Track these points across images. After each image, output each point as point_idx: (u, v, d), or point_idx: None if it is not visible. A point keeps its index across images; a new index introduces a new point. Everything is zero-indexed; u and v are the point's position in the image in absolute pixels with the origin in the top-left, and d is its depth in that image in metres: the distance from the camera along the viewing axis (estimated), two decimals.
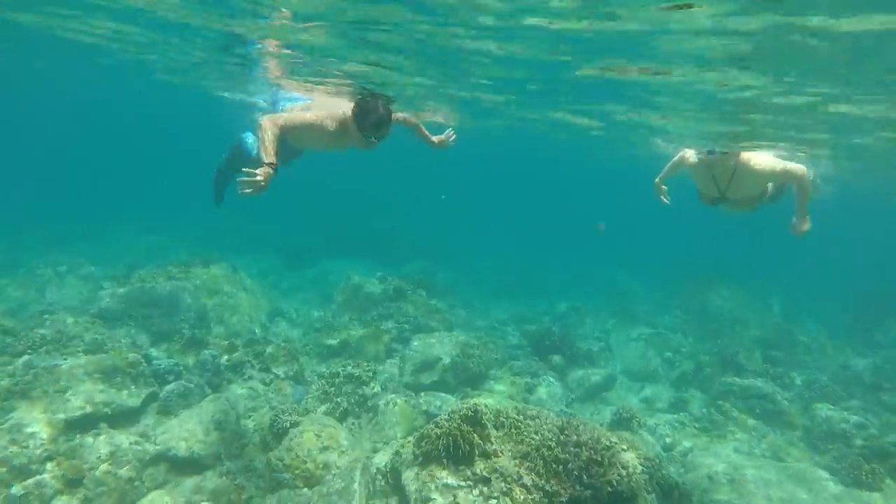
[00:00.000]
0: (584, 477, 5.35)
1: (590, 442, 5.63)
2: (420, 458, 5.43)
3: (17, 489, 5.13)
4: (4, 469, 5.30)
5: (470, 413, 5.46)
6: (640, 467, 5.98)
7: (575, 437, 5.63)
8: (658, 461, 6.69)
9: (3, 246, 14.62)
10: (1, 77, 19.57)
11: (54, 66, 15.08)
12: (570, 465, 5.36)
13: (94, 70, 13.95)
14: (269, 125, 4.35)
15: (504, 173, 47.94)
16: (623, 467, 5.52)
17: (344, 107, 5.01)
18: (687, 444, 8.46)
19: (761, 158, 4.78)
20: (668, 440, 8.49)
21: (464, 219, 34.55)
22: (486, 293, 18.30)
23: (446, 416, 5.54)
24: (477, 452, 5.27)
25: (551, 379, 10.22)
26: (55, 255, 14.02)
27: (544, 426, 5.90)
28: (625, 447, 6.09)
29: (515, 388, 9.58)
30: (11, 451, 5.44)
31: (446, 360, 9.13)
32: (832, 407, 9.26)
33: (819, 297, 19.41)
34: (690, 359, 12.03)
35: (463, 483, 5.08)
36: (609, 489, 5.32)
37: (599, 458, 5.45)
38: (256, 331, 10.43)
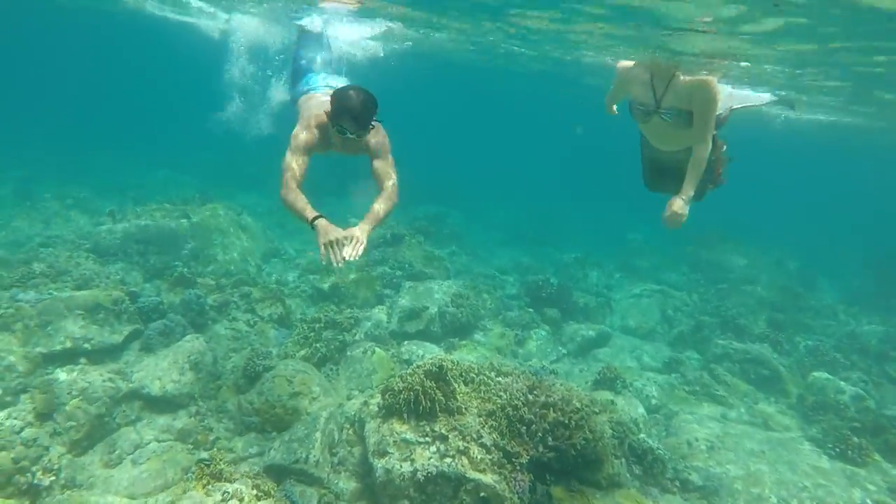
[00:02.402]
0: (549, 439, 5.27)
1: (559, 403, 5.51)
2: (383, 411, 5.40)
3: None
4: None
5: (434, 368, 5.36)
6: (609, 431, 5.90)
7: (543, 398, 5.51)
8: (632, 425, 6.61)
9: (16, 175, 14.76)
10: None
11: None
12: (534, 425, 5.27)
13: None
14: (285, 196, 3.90)
15: (527, 118, 46.73)
16: (591, 431, 5.41)
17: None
18: (674, 407, 8.33)
19: (704, 78, 4.19)
20: (654, 402, 8.38)
21: (483, 163, 34.05)
22: (495, 240, 18.08)
23: (410, 370, 5.47)
24: (439, 409, 5.21)
25: (543, 332, 10.11)
26: (66, 187, 14.12)
27: (514, 385, 5.78)
28: (596, 410, 5.98)
29: (504, 341, 9.50)
30: None
31: (433, 310, 9.04)
32: (830, 376, 9.00)
33: (840, 259, 18.80)
34: (691, 318, 11.80)
35: (421, 439, 5.04)
36: (573, 452, 5.24)
37: (566, 421, 5.35)
38: (250, 271, 10.42)
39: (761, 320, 12.03)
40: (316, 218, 3.68)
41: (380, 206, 4.07)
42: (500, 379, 6.03)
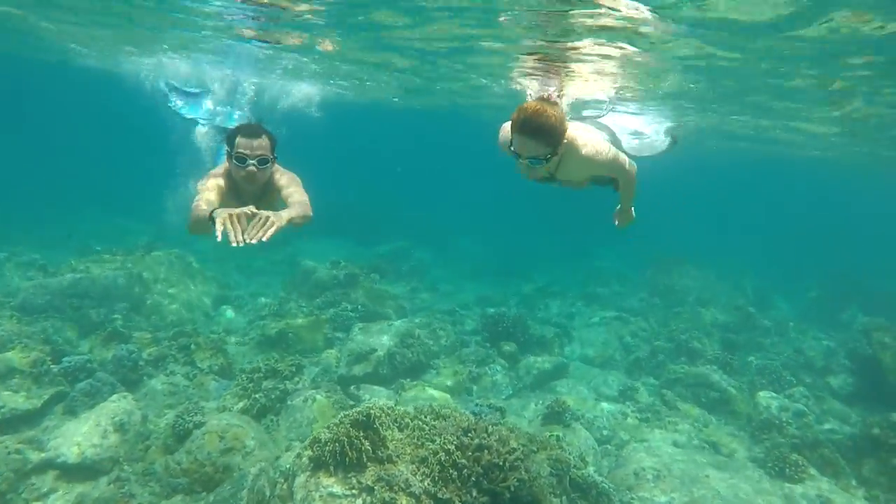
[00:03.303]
0: (484, 482, 5.10)
1: (495, 445, 5.35)
2: (311, 464, 5.18)
3: None
4: None
5: (362, 417, 5.18)
6: (547, 469, 5.76)
7: (478, 440, 5.35)
8: (577, 460, 6.49)
9: None
10: None
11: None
12: (466, 470, 5.11)
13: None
14: (191, 217, 3.62)
15: (492, 149, 47.27)
16: (526, 471, 5.26)
17: None
18: (625, 436, 8.24)
19: (590, 147, 3.61)
20: (605, 432, 8.27)
21: (452, 197, 34.24)
22: (460, 274, 18.01)
23: (338, 420, 5.28)
24: (367, 458, 5.02)
25: (499, 367, 9.99)
26: (3, 241, 13.66)
27: (449, 428, 5.63)
28: (535, 448, 5.86)
29: (458, 378, 9.33)
30: None
31: (381, 352, 8.86)
32: (775, 394, 9.07)
33: (796, 276, 19.20)
34: (648, 344, 11.81)
35: (348, 492, 4.83)
36: (507, 495, 5.08)
37: (501, 462, 5.19)
38: (196, 320, 10.15)
39: (715, 342, 12.11)
40: (213, 210, 3.24)
41: (297, 208, 3.74)
42: (436, 423, 5.87)
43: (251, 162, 3.84)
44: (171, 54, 11.79)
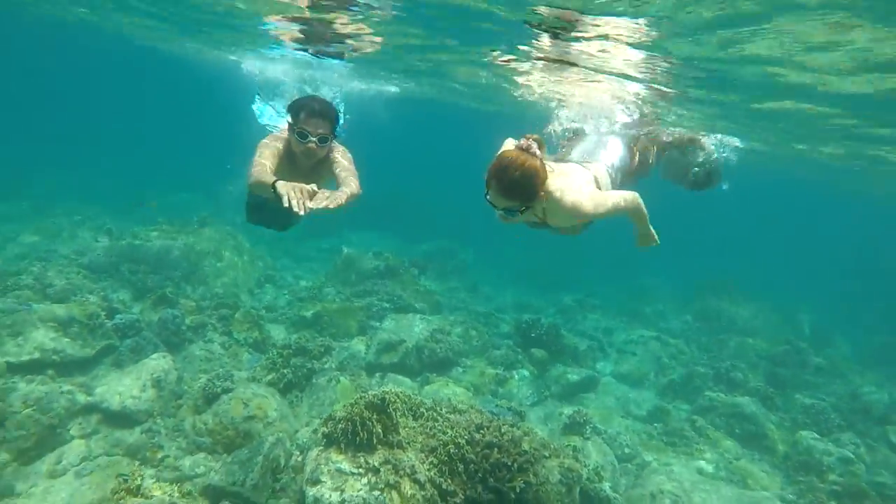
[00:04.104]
0: (490, 480, 5.16)
1: (506, 444, 5.40)
2: (324, 440, 5.37)
3: None
4: None
5: (377, 400, 5.32)
6: (557, 477, 5.73)
7: (488, 438, 5.42)
8: (591, 473, 6.43)
9: (35, 193, 15.38)
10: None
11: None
12: (473, 465, 5.18)
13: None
14: (252, 174, 3.72)
15: None
16: (534, 475, 5.29)
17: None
18: (647, 456, 8.07)
19: (572, 199, 3.34)
20: (627, 450, 8.11)
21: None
22: (502, 278, 18.01)
23: (354, 401, 5.44)
24: (377, 441, 5.16)
25: (526, 373, 9.97)
26: (82, 206, 14.66)
27: (463, 422, 5.71)
28: (546, 454, 5.85)
29: (484, 379, 9.39)
30: None
31: (409, 343, 9.01)
32: (818, 437, 8.62)
33: (860, 318, 18.15)
34: (685, 368, 11.49)
35: (355, 470, 4.98)
36: (513, 495, 5.12)
37: (510, 462, 5.24)
38: (239, 295, 10.59)
39: (759, 375, 11.65)
40: (276, 181, 3.32)
41: (349, 186, 3.73)
42: (451, 416, 5.96)
43: (312, 139, 3.88)
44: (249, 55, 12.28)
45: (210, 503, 5.14)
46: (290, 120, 4.02)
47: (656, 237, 3.96)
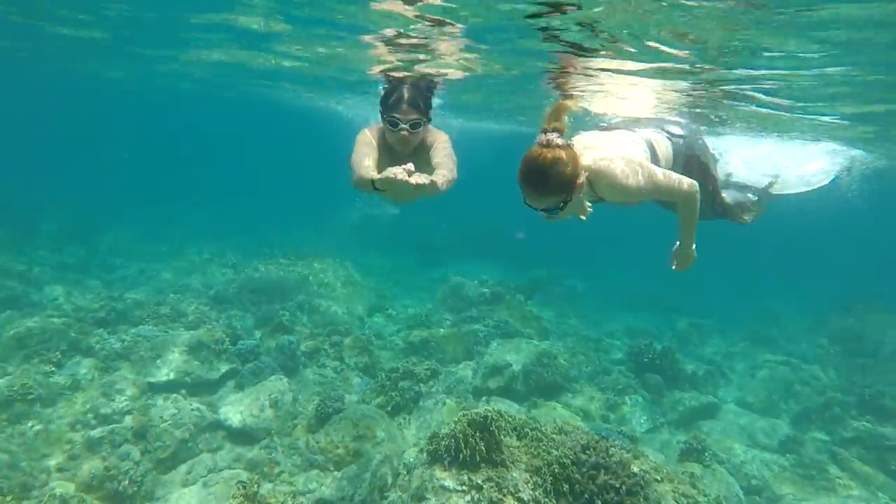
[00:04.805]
0: (597, 501, 4.95)
1: (613, 466, 5.18)
2: (428, 458, 5.42)
3: (96, 432, 6.09)
4: (92, 415, 6.34)
5: (479, 418, 5.32)
6: (671, 502, 5.36)
7: (594, 459, 5.21)
8: (707, 502, 5.94)
9: (171, 236, 17.15)
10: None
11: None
12: (579, 486, 4.99)
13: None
14: (353, 172, 3.66)
15: None
16: (645, 499, 5.00)
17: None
18: (779, 490, 7.34)
19: (614, 172, 3.10)
20: (754, 482, 7.43)
21: (608, 228, 33.22)
22: (612, 304, 17.40)
23: (457, 419, 5.46)
24: (479, 458, 5.13)
25: (640, 399, 9.49)
26: (210, 245, 16.13)
27: (568, 442, 5.54)
28: (659, 478, 5.50)
29: (594, 404, 9.06)
30: (101, 402, 6.51)
31: (516, 367, 8.91)
32: None
33: None
34: (821, 395, 10.38)
35: (458, 487, 4.98)
36: None
37: (617, 485, 5.00)
38: (351, 322, 11.05)
39: None
40: (376, 178, 3.22)
41: (444, 172, 3.56)
42: (556, 436, 5.80)
43: (403, 126, 3.83)
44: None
45: None
46: (381, 110, 3.97)
47: (695, 254, 3.64)
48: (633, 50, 5.51)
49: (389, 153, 4.12)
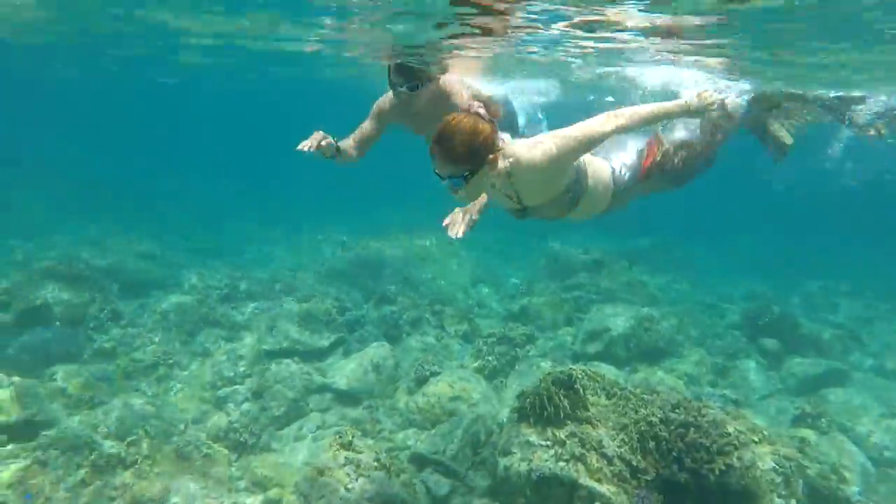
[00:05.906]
0: (686, 460, 4.85)
1: (705, 425, 5.03)
2: (515, 416, 5.58)
3: (222, 391, 6.94)
4: (218, 378, 7.20)
5: (563, 376, 5.38)
6: (770, 465, 5.11)
7: (684, 417, 5.09)
8: (816, 469, 5.58)
9: (286, 218, 18.47)
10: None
11: None
12: (666, 443, 4.92)
13: None
14: None
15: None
16: (738, 459, 4.82)
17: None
18: None
19: (537, 150, 2.90)
20: (887, 454, 6.80)
21: (730, 191, 31.01)
22: (732, 268, 16.36)
23: (542, 377, 5.56)
24: (563, 415, 5.20)
25: (752, 363, 8.97)
26: (324, 226, 17.19)
27: (657, 401, 5.45)
28: (756, 439, 5.25)
29: (701, 369, 8.70)
30: (224, 366, 7.39)
31: (615, 332, 8.76)
32: None
33: None
34: None
35: (543, 442, 5.10)
36: (712, 478, 4.73)
37: (708, 444, 4.87)
38: (455, 293, 11.39)
39: None
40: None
41: None
42: (646, 396, 5.72)
43: (401, 89, 4.12)
44: None
45: (416, 468, 5.69)
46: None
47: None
48: None
49: (412, 117, 4.40)
